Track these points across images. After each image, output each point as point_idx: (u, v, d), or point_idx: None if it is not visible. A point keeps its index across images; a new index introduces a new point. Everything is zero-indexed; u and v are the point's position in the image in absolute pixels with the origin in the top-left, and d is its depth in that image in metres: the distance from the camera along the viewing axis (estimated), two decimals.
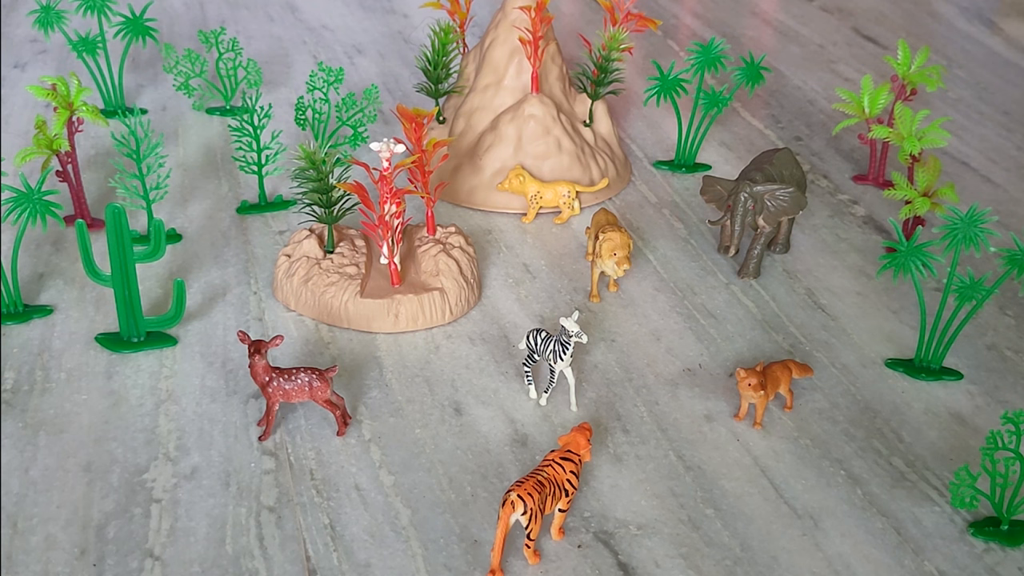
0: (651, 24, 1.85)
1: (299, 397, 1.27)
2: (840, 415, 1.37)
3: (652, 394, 1.39)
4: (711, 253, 1.71)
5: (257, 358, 1.26)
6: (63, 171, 1.66)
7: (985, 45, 2.67)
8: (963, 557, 1.16)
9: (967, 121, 2.24)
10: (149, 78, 2.27)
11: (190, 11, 2.69)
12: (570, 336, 1.30)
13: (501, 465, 1.26)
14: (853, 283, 1.65)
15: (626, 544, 1.16)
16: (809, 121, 2.21)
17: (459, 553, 1.14)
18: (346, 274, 1.50)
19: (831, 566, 1.14)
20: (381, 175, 1.44)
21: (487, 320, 1.53)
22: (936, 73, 1.85)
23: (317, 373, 1.26)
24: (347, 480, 1.23)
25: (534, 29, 1.77)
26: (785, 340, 1.51)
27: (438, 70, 1.85)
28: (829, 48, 2.62)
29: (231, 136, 1.85)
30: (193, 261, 1.64)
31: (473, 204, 1.81)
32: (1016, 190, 1.96)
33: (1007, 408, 1.36)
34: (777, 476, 1.26)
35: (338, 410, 1.29)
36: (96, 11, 2.01)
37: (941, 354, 1.43)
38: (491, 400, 1.37)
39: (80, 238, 1.39)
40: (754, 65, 1.90)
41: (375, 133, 1.97)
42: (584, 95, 1.89)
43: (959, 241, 1.35)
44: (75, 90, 1.66)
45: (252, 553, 1.14)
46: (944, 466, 1.29)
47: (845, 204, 1.88)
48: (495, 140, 1.80)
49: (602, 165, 1.85)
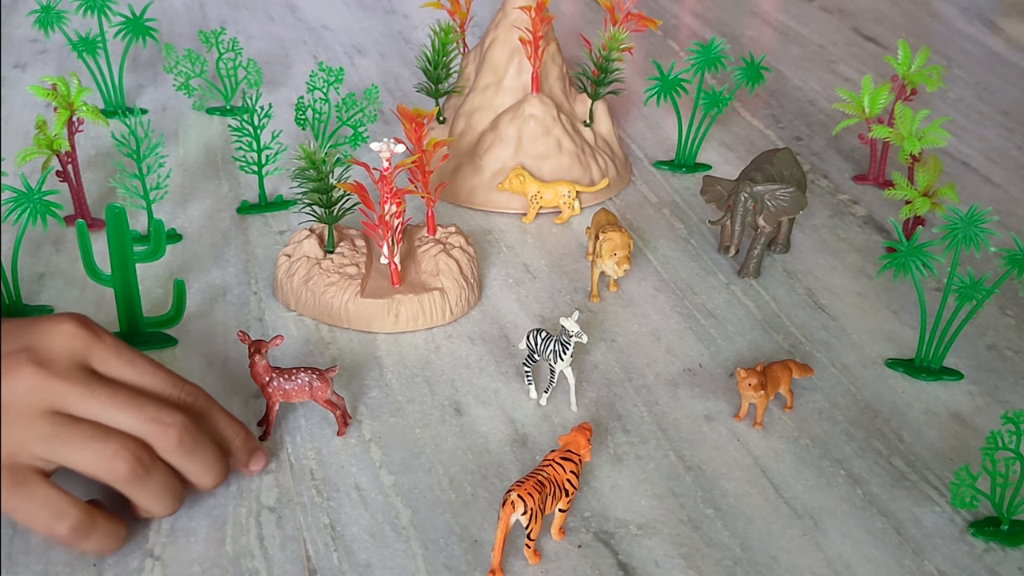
0: (651, 24, 1.85)
1: (299, 397, 1.27)
2: (840, 415, 1.37)
3: (652, 394, 1.39)
4: (711, 253, 1.71)
5: (257, 358, 1.26)
6: (63, 171, 1.66)
7: (985, 45, 2.67)
8: (963, 557, 1.16)
9: (967, 121, 2.24)
10: (149, 78, 2.27)
11: (190, 11, 2.69)
12: (570, 336, 1.30)
13: (501, 465, 1.26)
14: (853, 283, 1.65)
15: (626, 544, 1.16)
16: (809, 121, 2.21)
17: (459, 553, 1.14)
18: (346, 274, 1.50)
19: (831, 566, 1.14)
20: (381, 175, 1.44)
21: (487, 320, 1.53)
22: (936, 73, 1.85)
23: (317, 373, 1.27)
24: (347, 480, 1.23)
25: (534, 29, 1.77)
26: (785, 340, 1.51)
27: (438, 70, 1.85)
28: (829, 48, 2.62)
29: (231, 136, 1.85)
30: (193, 261, 1.64)
31: (473, 204, 1.81)
32: (1016, 190, 1.96)
33: (1007, 408, 1.36)
34: (777, 476, 1.26)
35: (338, 410, 1.29)
36: (96, 11, 2.01)
37: (941, 354, 1.43)
38: (491, 400, 1.37)
39: (80, 238, 1.39)
40: (754, 65, 1.90)
41: (375, 133, 1.97)
42: (584, 95, 1.89)
43: (959, 241, 1.35)
44: (75, 90, 1.66)
45: (252, 553, 1.14)
46: (944, 466, 1.29)
47: (845, 204, 1.88)
48: (495, 140, 1.80)
49: (602, 165, 1.85)
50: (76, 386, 1.09)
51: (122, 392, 1.11)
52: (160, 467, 1.11)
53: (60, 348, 1.11)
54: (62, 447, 1.07)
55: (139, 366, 1.16)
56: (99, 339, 1.14)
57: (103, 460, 1.07)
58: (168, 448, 1.11)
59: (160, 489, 1.11)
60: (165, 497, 1.12)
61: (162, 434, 1.11)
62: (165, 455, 1.12)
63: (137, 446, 1.09)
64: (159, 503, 1.12)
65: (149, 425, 1.10)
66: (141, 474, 1.09)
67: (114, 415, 1.09)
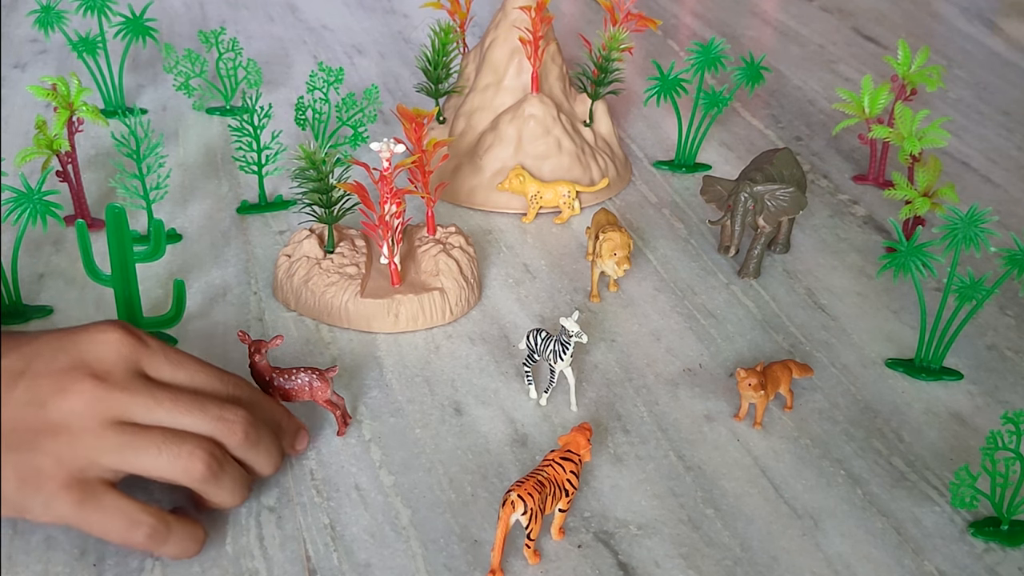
0: (651, 24, 1.85)
1: (299, 397, 1.27)
2: (840, 415, 1.37)
3: (652, 394, 1.39)
4: (711, 253, 1.71)
5: (258, 358, 1.26)
6: (63, 171, 1.66)
7: (985, 45, 2.67)
8: (963, 557, 1.16)
9: (967, 121, 2.24)
10: (149, 78, 2.27)
11: (190, 11, 2.69)
12: (570, 336, 1.30)
13: (501, 465, 1.26)
14: (853, 283, 1.65)
15: (626, 544, 1.16)
16: (809, 121, 2.21)
17: (459, 553, 1.14)
18: (346, 274, 1.50)
19: (831, 566, 1.14)
20: (381, 175, 1.44)
21: (487, 320, 1.53)
22: (936, 73, 1.85)
23: (317, 373, 1.27)
24: (347, 480, 1.23)
25: (534, 29, 1.77)
26: (785, 340, 1.51)
27: (438, 70, 1.85)
28: (829, 48, 2.62)
29: (231, 136, 1.85)
30: (193, 261, 1.64)
31: (473, 204, 1.81)
32: (1016, 190, 1.96)
33: (1007, 408, 1.36)
34: (777, 476, 1.26)
35: (338, 410, 1.29)
36: (96, 11, 2.01)
37: (941, 354, 1.43)
38: (491, 400, 1.37)
39: (80, 238, 1.39)
40: (754, 65, 1.90)
41: (375, 133, 1.97)
42: (584, 95, 1.89)
43: (959, 241, 1.35)
44: (75, 90, 1.66)
45: (252, 553, 1.14)
46: (944, 466, 1.29)
47: (845, 204, 1.88)
48: (495, 140, 1.80)
49: (602, 165, 1.85)
50: (138, 395, 1.10)
51: (183, 395, 1.13)
52: (231, 462, 1.14)
53: (113, 359, 1.12)
54: (135, 456, 1.08)
55: (188, 367, 1.17)
56: (146, 345, 1.15)
57: (180, 463, 1.09)
58: (236, 443, 1.14)
59: (233, 483, 1.14)
60: (237, 489, 1.15)
61: (229, 431, 1.13)
62: (233, 450, 1.14)
63: (209, 445, 1.11)
64: (232, 496, 1.15)
65: (215, 424, 1.12)
66: (217, 471, 1.11)
67: (180, 418, 1.11)
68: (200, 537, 1.13)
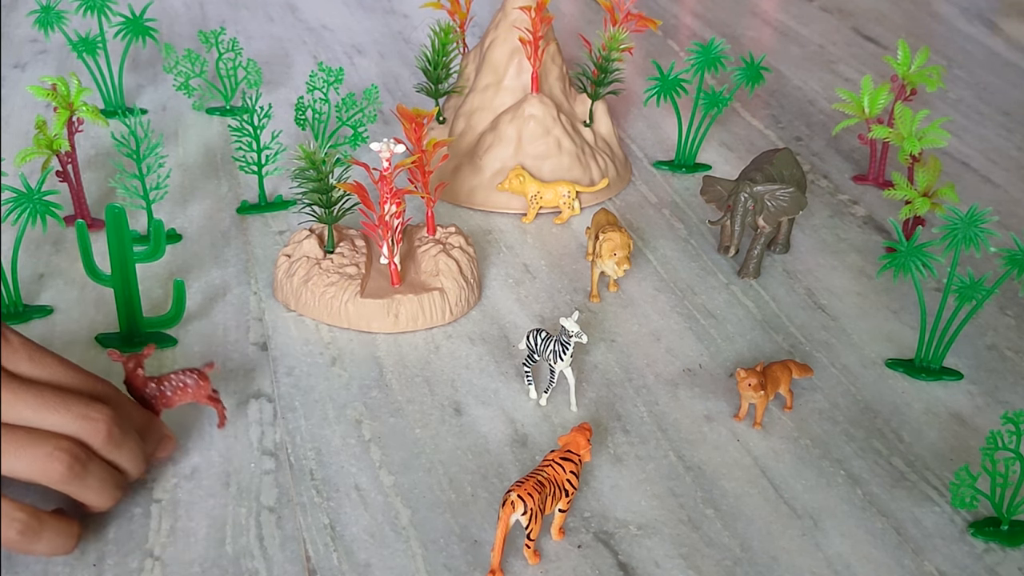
0: (651, 24, 1.85)
1: (183, 399, 1.24)
2: (840, 415, 1.37)
3: (652, 394, 1.39)
4: (711, 253, 1.71)
5: (140, 371, 1.22)
6: (63, 171, 1.66)
7: (985, 45, 2.67)
8: (963, 557, 1.16)
9: (967, 121, 2.24)
10: (149, 78, 2.27)
11: (190, 11, 2.69)
12: (570, 336, 1.30)
13: (501, 465, 1.26)
14: (853, 283, 1.65)
15: (626, 544, 1.16)
16: (809, 121, 2.21)
17: (459, 553, 1.14)
18: (346, 274, 1.50)
19: (831, 566, 1.14)
20: (381, 175, 1.44)
21: (487, 320, 1.53)
22: (936, 73, 1.85)
23: (197, 372, 1.25)
24: (347, 480, 1.23)
25: (534, 29, 1.77)
26: (785, 340, 1.51)
27: (438, 70, 1.85)
28: (829, 48, 2.62)
29: (231, 136, 1.85)
30: (193, 261, 1.64)
31: (473, 204, 1.81)
32: (1016, 190, 1.96)
33: (1007, 408, 1.36)
34: (777, 476, 1.26)
35: (220, 404, 1.28)
36: (96, 11, 2.01)
37: (941, 354, 1.43)
38: (491, 400, 1.37)
39: (80, 238, 1.39)
40: (754, 65, 1.90)
41: (375, 133, 1.97)
42: (584, 95, 1.89)
43: (959, 241, 1.35)
44: (75, 90, 1.66)
45: (252, 553, 1.14)
46: (944, 466, 1.29)
47: (845, 204, 1.88)
48: (495, 140, 1.80)
49: (602, 165, 1.85)
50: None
51: (46, 392, 1.09)
52: (96, 462, 1.10)
53: None
54: None
55: (52, 364, 1.13)
56: (8, 342, 1.11)
57: (39, 464, 1.06)
58: (100, 442, 1.10)
59: (99, 483, 1.10)
60: (105, 490, 1.11)
61: (94, 429, 1.09)
62: (98, 449, 1.11)
63: (71, 445, 1.07)
64: (100, 497, 1.12)
65: (80, 422, 1.09)
66: (79, 472, 1.08)
67: (44, 415, 1.08)
68: (75, 534, 1.09)
